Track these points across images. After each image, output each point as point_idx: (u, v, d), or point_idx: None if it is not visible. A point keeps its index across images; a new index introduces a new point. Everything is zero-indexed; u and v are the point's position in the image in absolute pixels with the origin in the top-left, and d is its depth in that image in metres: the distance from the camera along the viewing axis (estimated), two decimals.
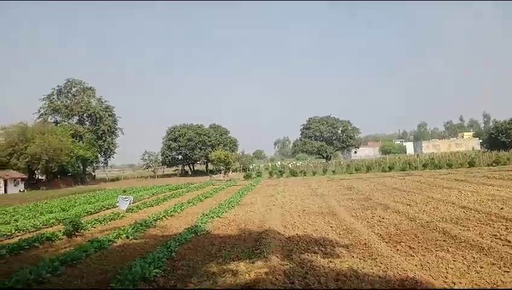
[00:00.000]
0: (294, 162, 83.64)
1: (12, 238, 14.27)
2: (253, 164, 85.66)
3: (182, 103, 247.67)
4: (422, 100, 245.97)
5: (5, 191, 47.86)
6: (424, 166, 50.62)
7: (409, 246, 9.82)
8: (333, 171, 55.46)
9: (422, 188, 24.30)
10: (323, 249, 10.01)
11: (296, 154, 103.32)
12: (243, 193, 27.54)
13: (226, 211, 18.33)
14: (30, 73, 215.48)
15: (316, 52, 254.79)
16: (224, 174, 60.11)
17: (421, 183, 28.37)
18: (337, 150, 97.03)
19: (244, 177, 53.91)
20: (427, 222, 12.82)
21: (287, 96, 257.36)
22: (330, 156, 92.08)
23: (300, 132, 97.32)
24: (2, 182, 48.53)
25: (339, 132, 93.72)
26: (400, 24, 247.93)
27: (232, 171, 68.99)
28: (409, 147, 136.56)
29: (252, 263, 8.94)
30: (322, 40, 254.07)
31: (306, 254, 9.60)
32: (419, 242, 10.24)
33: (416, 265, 8.20)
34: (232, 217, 16.68)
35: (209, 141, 75.51)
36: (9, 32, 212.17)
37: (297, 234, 12.24)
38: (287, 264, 8.63)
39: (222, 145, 76.06)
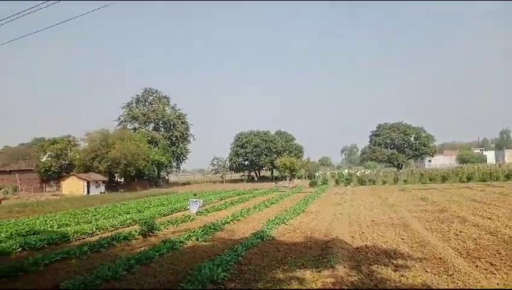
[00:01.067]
0: (362, 170, 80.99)
1: (93, 236, 15.49)
2: (319, 171, 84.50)
3: (247, 108, 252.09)
4: (505, 105, 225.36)
5: (88, 192, 52.28)
6: (507, 177, 46.14)
7: (490, 263, 9.03)
8: (405, 181, 52.74)
9: (505, 201, 22.21)
10: (394, 261, 9.56)
11: (365, 162, 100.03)
12: (308, 200, 27.27)
13: (291, 218, 18.27)
14: (110, 82, 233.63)
15: (383, 52, 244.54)
16: (290, 181, 60.02)
17: (503, 195, 25.95)
18: (409, 158, 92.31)
19: (309, 184, 53.34)
20: (511, 237, 11.69)
21: (356, 101, 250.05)
22: (402, 165, 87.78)
23: (369, 139, 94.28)
24: (85, 183, 53.09)
25: (412, 139, 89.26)
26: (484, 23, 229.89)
27: (298, 178, 68.63)
28: (490, 155, 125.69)
29: (319, 272, 8.82)
30: (382, 38, 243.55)
31: (375, 265, 9.24)
32: (501, 259, 9.37)
33: (498, 284, 7.52)
34: (297, 224, 16.58)
35: (275, 148, 76.00)
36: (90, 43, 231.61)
37: (365, 244, 11.83)
38: (355, 275, 8.38)
39: (288, 151, 76.13)
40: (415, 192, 32.86)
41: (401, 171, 76.27)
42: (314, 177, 68.20)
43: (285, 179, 62.23)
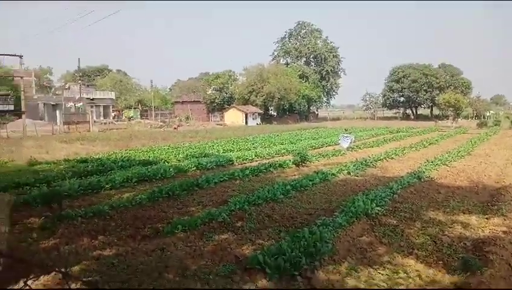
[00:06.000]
0: None
1: (252, 161, 16.98)
2: (490, 111, 73.15)
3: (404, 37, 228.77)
4: None
5: (246, 122, 56.92)
6: None
7: None
8: None
9: None
10: None
11: None
12: (475, 142, 24.19)
13: (454, 160, 16.58)
14: (269, 16, 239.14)
15: None
16: (453, 120, 53.86)
17: None
18: None
19: (477, 125, 47.08)
20: None
21: None
22: None
23: None
24: (244, 115, 57.77)
25: None
26: None
27: (463, 118, 61.08)
28: None
29: (487, 218, 7.97)
30: None
31: None
32: None
33: None
34: (461, 167, 15.00)
35: (437, 83, 68.27)
36: None
37: None
38: None
39: (452, 87, 67.58)
40: None
41: None
42: (484, 118, 59.67)
43: (448, 119, 56.07)
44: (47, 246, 6.65)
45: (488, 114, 67.29)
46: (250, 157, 17.71)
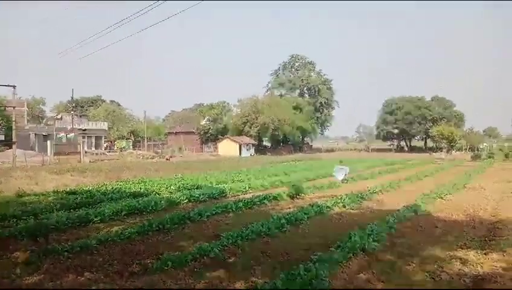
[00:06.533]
0: None
1: (246, 194, 16.71)
2: (484, 144, 73.94)
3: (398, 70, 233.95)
4: None
5: (240, 153, 56.84)
6: None
7: None
8: None
9: None
10: None
11: None
12: (470, 175, 24.22)
13: (449, 194, 16.45)
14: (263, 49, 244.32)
15: None
16: (447, 152, 54.23)
17: None
18: None
19: (471, 157, 47.39)
20: None
21: None
22: None
23: None
24: (238, 146, 57.79)
25: None
26: None
27: (457, 150, 61.54)
28: None
29: (485, 254, 7.78)
30: None
31: None
32: None
33: None
34: (457, 201, 14.86)
35: (430, 115, 69.21)
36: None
37: None
38: None
39: (446, 120, 68.52)
40: None
41: None
42: (478, 150, 60.18)
43: (442, 151, 56.46)
44: (31, 282, 6.33)
45: (481, 146, 67.98)
46: (244, 189, 17.46)
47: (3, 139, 42.29)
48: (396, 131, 75.36)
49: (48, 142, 46.38)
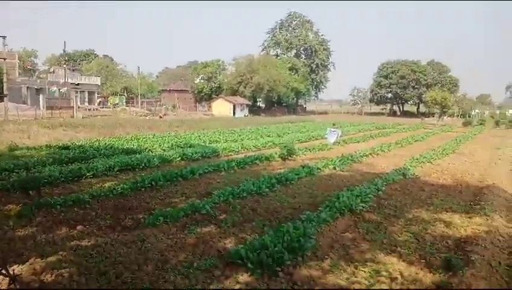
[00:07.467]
0: None
1: (238, 154, 16.83)
2: (476, 110, 74.33)
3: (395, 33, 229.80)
4: None
5: (234, 114, 56.54)
6: None
7: None
8: None
9: None
10: None
11: None
12: (460, 140, 24.50)
13: (438, 158, 16.73)
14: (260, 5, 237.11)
15: None
16: (439, 118, 54.54)
17: None
18: None
19: (462, 123, 47.77)
20: None
21: None
22: None
23: None
24: (232, 106, 57.36)
25: None
26: None
27: (448, 116, 61.88)
28: None
29: (469, 218, 8.02)
30: None
31: None
32: None
33: None
34: (445, 166, 15.14)
35: (425, 80, 68.89)
36: None
37: None
38: None
39: (440, 85, 68.34)
40: None
41: None
42: (469, 116, 60.57)
43: (434, 116, 56.73)
44: (23, 234, 6.44)
45: (473, 113, 68.37)
46: (237, 149, 17.56)
47: None
48: (390, 95, 75.17)
49: (41, 95, 45.59)
